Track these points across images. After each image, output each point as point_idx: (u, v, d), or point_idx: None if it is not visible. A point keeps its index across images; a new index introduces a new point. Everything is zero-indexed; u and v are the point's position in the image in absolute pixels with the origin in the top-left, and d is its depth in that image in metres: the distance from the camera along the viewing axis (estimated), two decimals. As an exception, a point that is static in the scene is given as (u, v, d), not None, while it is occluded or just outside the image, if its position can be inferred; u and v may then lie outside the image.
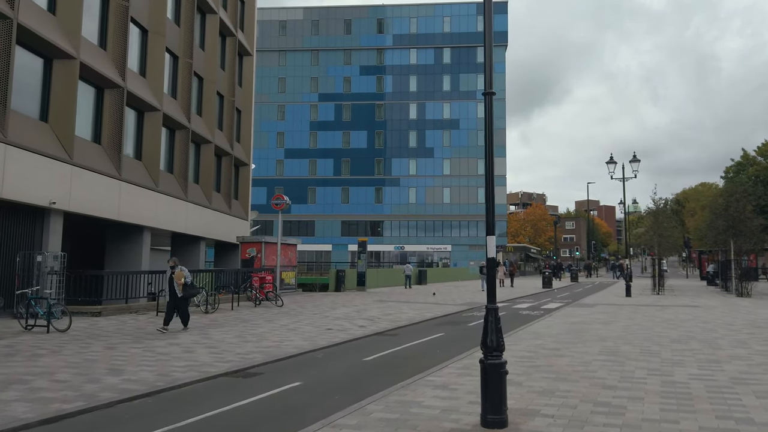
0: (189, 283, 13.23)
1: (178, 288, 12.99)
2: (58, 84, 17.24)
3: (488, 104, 5.60)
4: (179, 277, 13.05)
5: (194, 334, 12.61)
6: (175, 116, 24.28)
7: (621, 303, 22.27)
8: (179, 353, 10.14)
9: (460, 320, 16.69)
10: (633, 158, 27.46)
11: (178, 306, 13.13)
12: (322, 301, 22.75)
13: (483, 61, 58.94)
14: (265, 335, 12.67)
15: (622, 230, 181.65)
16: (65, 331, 12.76)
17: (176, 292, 13.02)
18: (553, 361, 8.90)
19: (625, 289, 27.49)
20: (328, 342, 11.75)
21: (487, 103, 5.60)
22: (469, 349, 10.57)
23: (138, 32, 22.35)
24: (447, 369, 8.44)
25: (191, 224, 26.06)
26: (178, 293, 13.02)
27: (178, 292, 13.01)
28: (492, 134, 5.61)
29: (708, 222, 34.21)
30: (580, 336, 12.04)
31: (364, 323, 15.15)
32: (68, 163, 17.13)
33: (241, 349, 10.74)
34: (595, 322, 14.95)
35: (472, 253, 71.31)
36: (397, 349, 11.14)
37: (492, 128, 5.61)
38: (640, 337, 11.77)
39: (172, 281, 13.09)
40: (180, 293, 13.03)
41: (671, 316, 16.31)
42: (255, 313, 17.52)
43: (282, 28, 76.23)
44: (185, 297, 13.18)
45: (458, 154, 72.93)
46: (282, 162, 74.54)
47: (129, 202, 20.63)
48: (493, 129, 5.56)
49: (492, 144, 5.62)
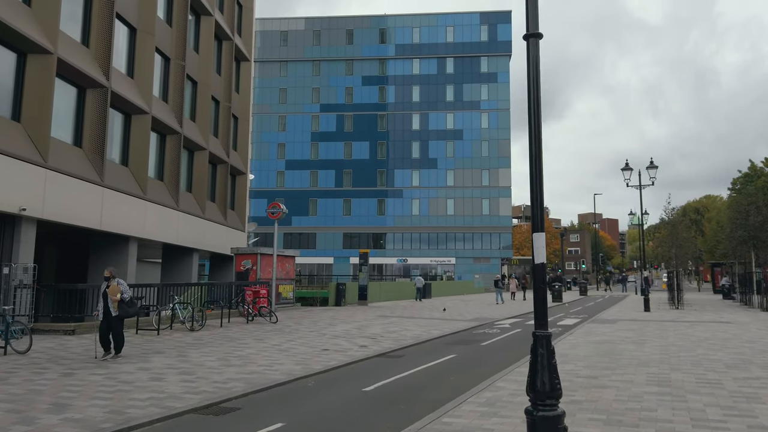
0: (127, 300, 10.86)
1: (113, 305, 10.71)
2: (33, 81, 15.86)
3: (532, 49, 4.11)
4: (114, 291, 10.74)
5: (171, 357, 11.04)
6: (166, 120, 22.90)
7: (643, 318, 20.61)
8: (145, 381, 8.58)
9: (472, 338, 15.08)
10: (650, 165, 25.93)
11: (112, 327, 10.70)
12: (320, 317, 21.15)
13: (488, 69, 57.91)
14: (251, 357, 11.09)
15: (625, 243, 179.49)
16: (25, 353, 11.21)
17: (110, 310, 10.72)
18: (596, 395, 7.31)
19: (643, 303, 25.83)
20: (323, 366, 10.18)
21: (531, 49, 4.11)
22: (487, 375, 9.00)
23: (125, 30, 21.06)
24: (466, 406, 6.86)
25: (183, 235, 24.56)
26: (112, 311, 10.69)
27: (112, 311, 10.69)
28: (538, 91, 4.09)
29: (727, 232, 32.56)
30: (614, 359, 10.43)
31: (365, 342, 13.57)
32: (42, 166, 15.69)
33: (220, 375, 9.17)
34: (624, 341, 13.33)
35: (477, 265, 69.63)
36: (403, 375, 9.55)
37: (537, 82, 4.10)
38: (686, 361, 10.16)
39: (106, 297, 10.79)
40: (114, 311, 10.69)
41: (707, 335, 14.67)
42: (245, 331, 15.95)
43: (283, 38, 75.38)
44: (121, 317, 10.82)
45: (462, 165, 71.52)
46: (283, 173, 73.23)
47: (113, 210, 19.16)
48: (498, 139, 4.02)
49: (538, 105, 4.08)
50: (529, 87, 4.08)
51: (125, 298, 10.85)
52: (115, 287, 10.78)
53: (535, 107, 4.00)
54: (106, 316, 10.75)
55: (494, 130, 71.72)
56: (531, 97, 4.04)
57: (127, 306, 10.87)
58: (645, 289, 24.40)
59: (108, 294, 10.76)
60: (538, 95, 3.98)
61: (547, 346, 3.84)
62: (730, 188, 60.34)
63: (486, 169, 71.27)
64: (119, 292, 10.75)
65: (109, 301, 10.75)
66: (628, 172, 26.02)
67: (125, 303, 10.85)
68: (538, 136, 3.98)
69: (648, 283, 25.74)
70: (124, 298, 10.84)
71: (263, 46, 74.23)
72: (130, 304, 10.96)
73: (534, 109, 4.00)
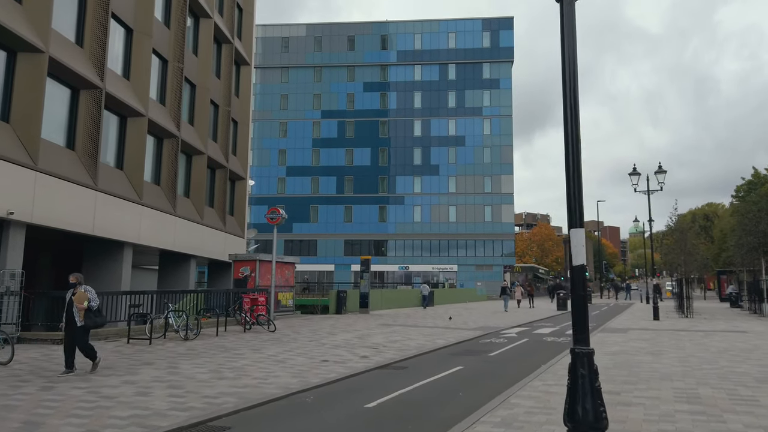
0: (94, 309, 9.89)
1: (78, 314, 9.74)
2: (23, 80, 15.33)
3: (567, 13, 3.51)
4: (80, 299, 9.75)
5: (160, 368, 10.39)
6: (163, 123, 22.36)
7: (654, 327, 19.91)
8: (129, 396, 7.93)
9: (479, 348, 14.41)
10: (658, 169, 25.30)
11: (76, 338, 9.73)
12: (320, 325, 20.48)
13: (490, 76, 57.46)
14: (246, 369, 10.44)
15: (626, 251, 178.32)
16: (6, 365, 10.57)
17: (75, 319, 9.76)
18: (622, 414, 6.65)
19: (652, 311, 25.12)
20: (321, 379, 9.52)
21: (566, 12, 3.51)
22: (499, 390, 8.34)
23: (122, 31, 20.57)
24: (480, 426, 6.20)
25: (180, 241, 23.95)
26: (78, 321, 9.72)
27: (78, 320, 9.72)
28: (574, 63, 3.48)
29: (736, 239, 31.88)
30: (633, 372, 9.76)
31: (366, 353, 12.91)
32: (32, 168, 15.12)
33: (211, 389, 8.53)
34: (640, 352, 12.65)
35: (479, 273, 68.86)
36: (408, 389, 8.89)
37: (573, 53, 3.49)
38: (710, 374, 9.49)
39: (71, 305, 9.82)
40: (80, 321, 9.74)
41: (725, 345, 13.99)
42: (242, 340, 15.29)
43: (285, 44, 75.09)
44: (87, 327, 9.84)
45: (464, 172, 70.93)
46: (284, 180, 72.70)
47: (107, 215, 18.57)
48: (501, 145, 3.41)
49: (574, 79, 3.47)
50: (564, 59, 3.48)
51: (92, 306, 9.87)
52: (82, 294, 9.82)
53: (571, 82, 3.40)
54: (70, 325, 9.83)
55: (496, 137, 71.19)
56: (566, 71, 3.44)
57: (94, 315, 9.92)
58: (655, 297, 23.67)
59: (74, 302, 9.82)
60: (575, 68, 3.38)
61: (589, 365, 3.21)
62: (733, 195, 59.66)
63: (488, 175, 70.68)
64: (86, 299, 9.79)
65: (75, 310, 9.78)
66: (636, 176, 25.38)
67: (92, 312, 9.90)
68: (574, 113, 3.38)
69: (659, 290, 25.01)
70: (92, 307, 9.85)
71: (264, 52, 73.94)
72: (97, 314, 10.02)
73: (570, 83, 3.40)
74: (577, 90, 3.35)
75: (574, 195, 3.44)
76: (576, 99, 3.37)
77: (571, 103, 3.37)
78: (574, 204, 3.46)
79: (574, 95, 3.36)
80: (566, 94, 3.38)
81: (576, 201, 3.44)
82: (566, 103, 3.43)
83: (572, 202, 3.45)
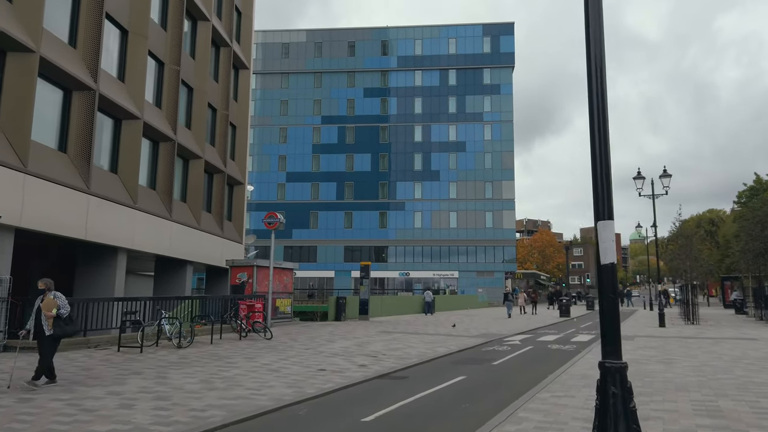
0: (64, 317, 9.12)
1: (47, 323, 8.99)
2: (12, 80, 14.92)
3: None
4: (49, 306, 9.00)
5: (149, 378, 9.91)
6: (159, 127, 21.95)
7: (660, 335, 19.40)
8: (112, 409, 7.45)
9: (481, 357, 13.91)
10: (663, 173, 24.90)
11: (44, 347, 9.00)
12: (318, 333, 19.98)
13: (491, 81, 57.36)
14: (238, 379, 9.95)
15: (627, 257, 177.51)
16: (-12, 374, 10.09)
17: (43, 327, 9.00)
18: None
19: (657, 318, 24.61)
20: (317, 390, 9.04)
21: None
22: (505, 403, 7.85)
23: (116, 32, 20.19)
24: (486, 444, 5.73)
25: (176, 246, 23.48)
26: (46, 330, 8.97)
27: (46, 329, 8.97)
28: (601, 32, 3.03)
29: (741, 245, 31.37)
30: (646, 383, 9.27)
31: (365, 361, 12.42)
32: (21, 171, 14.68)
33: (199, 401, 8.04)
34: (651, 360, 12.15)
35: (480, 279, 68.33)
36: (408, 401, 8.40)
37: (600, 23, 3.05)
38: (727, 384, 8.99)
39: (39, 312, 9.08)
40: (49, 330, 8.97)
41: (738, 353, 13.48)
42: (236, 348, 14.79)
43: (285, 50, 74.93)
44: (56, 336, 9.08)
45: (465, 178, 70.55)
46: (283, 186, 72.32)
47: (100, 219, 18.11)
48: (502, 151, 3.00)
49: (601, 48, 3.02)
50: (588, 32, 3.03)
51: (62, 314, 9.10)
52: (51, 301, 9.08)
53: (597, 52, 2.95)
54: (38, 334, 9.13)
55: (497, 142, 70.85)
56: (591, 43, 2.99)
57: (64, 324, 9.19)
58: (661, 304, 23.15)
59: (42, 309, 9.12)
60: (601, 34, 2.94)
61: (622, 382, 2.75)
62: (735, 201, 59.22)
63: (489, 181, 70.28)
64: (55, 307, 9.03)
65: (43, 318, 9.01)
66: (640, 180, 24.98)
67: (62, 320, 9.16)
68: (601, 90, 2.93)
69: (666, 296, 24.46)
70: (61, 314, 9.09)
71: (264, 57, 73.79)
72: (68, 322, 9.28)
73: (596, 54, 2.95)
74: (603, 64, 2.90)
75: (602, 181, 2.97)
76: (603, 76, 2.93)
77: (598, 79, 2.93)
78: (602, 191, 2.98)
79: (600, 73, 2.92)
80: (591, 70, 2.93)
81: (604, 188, 2.97)
82: (591, 81, 2.98)
83: (600, 189, 2.98)
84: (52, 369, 9.21)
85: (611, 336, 2.96)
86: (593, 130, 3.01)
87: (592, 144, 3.00)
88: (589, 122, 3.05)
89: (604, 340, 2.95)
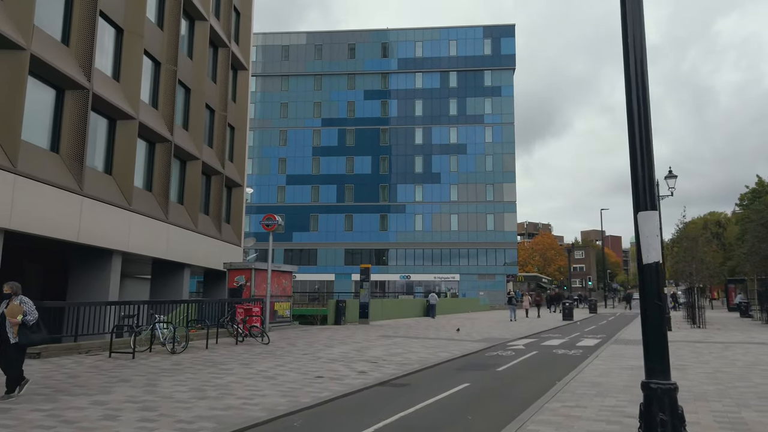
0: (30, 324, 8.46)
1: (11, 330, 8.34)
2: (2, 78, 14.51)
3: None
4: (13, 312, 8.35)
5: (137, 386, 9.45)
6: (155, 127, 21.55)
7: (668, 339, 18.89)
8: (94, 421, 7.00)
9: (485, 362, 13.44)
10: (669, 174, 24.45)
11: (8, 356, 8.34)
12: (317, 337, 19.51)
13: (491, 83, 57.05)
14: (231, 387, 9.50)
15: (629, 260, 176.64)
16: (-31, 382, 9.63)
17: (8, 335, 8.34)
18: (661, 445, 5.71)
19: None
20: (313, 398, 8.58)
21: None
22: (512, 413, 7.39)
23: (111, 31, 19.81)
24: (495, 462, 5.27)
25: (173, 249, 23.06)
26: (11, 338, 8.32)
27: (11, 337, 8.32)
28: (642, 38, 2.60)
29: (748, 246, 30.91)
30: (659, 390, 8.80)
31: (365, 367, 11.96)
32: (10, 171, 14.27)
33: (187, 412, 7.59)
34: (661, 366, 11.67)
35: (481, 282, 67.80)
36: (410, 411, 7.95)
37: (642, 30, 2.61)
38: (747, 393, 8.53)
39: (4, 319, 8.40)
40: (14, 338, 8.32)
41: (751, 358, 13.01)
42: (232, 354, 14.33)
43: (285, 52, 74.63)
44: (21, 345, 8.44)
45: (466, 180, 70.11)
46: (284, 188, 71.92)
47: (93, 221, 17.69)
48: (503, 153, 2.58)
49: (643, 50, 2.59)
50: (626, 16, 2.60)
51: (28, 321, 8.44)
52: (15, 307, 8.41)
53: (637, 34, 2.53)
54: (2, 343, 8.47)
55: (498, 144, 70.44)
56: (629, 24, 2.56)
57: (30, 331, 8.53)
58: (673, 306, 22.62)
59: (5, 315, 8.47)
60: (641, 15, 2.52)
61: (671, 408, 2.28)
62: (737, 203, 58.80)
63: (490, 183, 69.84)
64: (21, 313, 8.38)
65: (8, 325, 8.32)
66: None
67: (28, 328, 8.51)
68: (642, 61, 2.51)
69: (675, 299, 23.96)
70: (27, 321, 8.42)
71: (264, 60, 73.50)
72: (35, 329, 8.62)
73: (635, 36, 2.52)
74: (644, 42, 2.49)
75: (644, 166, 2.51)
76: (644, 54, 2.51)
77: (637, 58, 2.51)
78: (643, 178, 2.52)
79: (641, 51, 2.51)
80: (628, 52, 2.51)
81: (645, 174, 2.50)
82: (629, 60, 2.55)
83: (641, 175, 2.50)
84: (16, 379, 8.50)
85: (657, 351, 2.50)
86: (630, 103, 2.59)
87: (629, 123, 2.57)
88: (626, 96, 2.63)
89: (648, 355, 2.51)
